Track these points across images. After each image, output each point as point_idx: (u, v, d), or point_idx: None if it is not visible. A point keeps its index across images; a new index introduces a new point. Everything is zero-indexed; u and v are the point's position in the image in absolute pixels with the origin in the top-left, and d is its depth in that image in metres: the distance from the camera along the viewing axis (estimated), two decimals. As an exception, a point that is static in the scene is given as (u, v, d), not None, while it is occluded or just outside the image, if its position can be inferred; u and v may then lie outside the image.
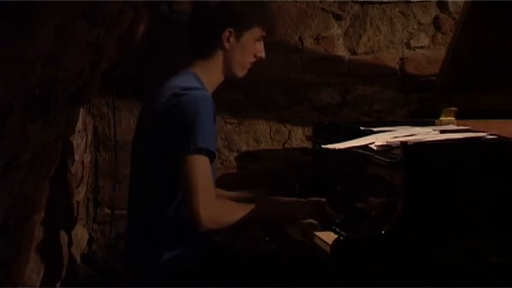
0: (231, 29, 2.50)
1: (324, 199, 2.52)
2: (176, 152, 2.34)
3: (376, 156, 2.32)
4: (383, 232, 2.14)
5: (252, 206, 2.43)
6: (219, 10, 2.51)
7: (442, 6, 3.42)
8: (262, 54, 2.61)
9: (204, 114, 2.34)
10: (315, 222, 2.46)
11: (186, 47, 2.62)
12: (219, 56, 2.53)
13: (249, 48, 2.56)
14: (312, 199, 2.55)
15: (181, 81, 2.46)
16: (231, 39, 2.51)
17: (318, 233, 2.35)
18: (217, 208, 2.37)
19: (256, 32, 2.55)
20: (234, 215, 2.40)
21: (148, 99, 2.56)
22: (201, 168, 2.33)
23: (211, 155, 2.36)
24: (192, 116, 2.33)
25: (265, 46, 2.64)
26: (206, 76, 2.52)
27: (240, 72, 2.59)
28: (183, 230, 2.39)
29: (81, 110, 3.18)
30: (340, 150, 2.48)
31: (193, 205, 2.30)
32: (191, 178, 2.31)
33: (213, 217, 2.33)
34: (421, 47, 3.44)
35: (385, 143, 2.35)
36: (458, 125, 2.81)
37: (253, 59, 2.59)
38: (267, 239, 2.75)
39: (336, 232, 2.31)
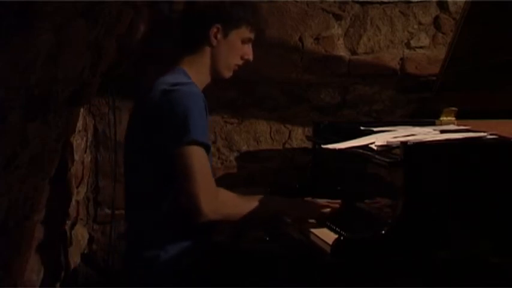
0: (218, 26, 2.50)
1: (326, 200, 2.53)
2: (171, 148, 2.32)
3: (376, 156, 2.32)
4: (383, 232, 2.14)
5: (256, 200, 2.43)
6: (208, 6, 2.52)
7: (442, 6, 3.42)
8: (250, 57, 2.60)
9: (194, 108, 2.34)
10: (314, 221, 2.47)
11: (175, 43, 2.62)
12: (206, 53, 2.53)
13: (236, 48, 2.55)
14: (312, 200, 2.55)
15: (170, 77, 2.46)
16: (219, 35, 2.51)
17: (318, 233, 2.35)
18: (218, 197, 2.35)
19: (244, 31, 2.54)
20: (237, 206, 2.40)
21: (138, 98, 2.56)
22: (199, 158, 2.31)
23: (206, 148, 2.35)
24: (183, 111, 2.32)
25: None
26: (194, 72, 2.51)
27: (226, 73, 2.58)
28: (180, 228, 2.38)
29: (81, 110, 3.18)
30: (340, 150, 2.48)
31: (193, 194, 2.28)
32: (189, 168, 2.29)
33: (214, 206, 2.30)
34: (421, 47, 3.44)
35: (385, 143, 2.35)
36: (458, 125, 2.81)
37: (240, 61, 2.58)
38: (267, 239, 2.75)
39: (336, 232, 2.32)
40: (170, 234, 2.39)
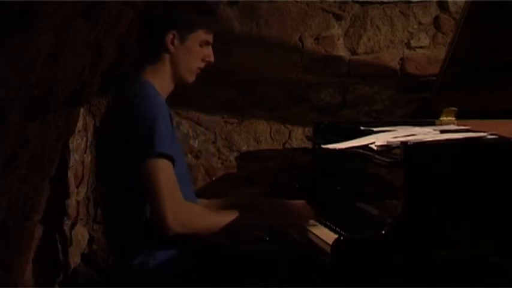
0: (174, 32, 2.49)
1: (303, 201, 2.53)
2: (138, 161, 2.31)
3: (376, 156, 2.32)
4: (383, 232, 2.14)
5: (228, 214, 2.40)
6: (162, 13, 2.51)
7: (443, 6, 3.42)
8: (211, 59, 2.58)
9: (159, 119, 2.32)
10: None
11: (137, 55, 2.61)
12: (166, 60, 2.51)
13: (195, 52, 2.54)
14: (296, 202, 2.54)
15: (133, 89, 2.45)
16: (175, 42, 2.50)
17: (318, 233, 2.35)
18: (185, 211, 2.33)
19: (201, 35, 2.53)
20: (204, 218, 2.37)
21: (106, 111, 2.55)
22: (163, 172, 2.30)
23: (171, 159, 2.33)
24: (148, 122, 2.31)
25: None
26: (158, 82, 2.50)
27: (189, 77, 2.56)
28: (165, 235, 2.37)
29: (81, 110, 3.18)
30: (340, 150, 2.48)
31: (159, 209, 2.27)
32: (154, 183, 2.28)
33: (180, 220, 2.28)
34: (421, 47, 3.44)
35: (385, 143, 2.35)
36: (458, 125, 2.81)
37: (202, 64, 2.57)
38: (267, 239, 2.75)
39: (336, 232, 2.32)
40: (156, 241, 2.37)
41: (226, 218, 2.39)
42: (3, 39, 1.83)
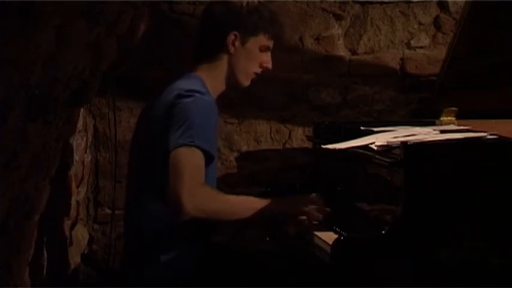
0: (236, 33, 2.49)
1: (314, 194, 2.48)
2: (171, 147, 2.30)
3: (377, 156, 2.32)
4: (383, 232, 2.14)
5: (248, 198, 2.39)
6: (225, 13, 2.50)
7: (443, 6, 3.42)
8: (269, 65, 2.59)
9: (205, 118, 2.33)
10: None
11: (193, 51, 2.60)
12: (224, 60, 2.51)
13: (255, 56, 2.54)
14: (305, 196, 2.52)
15: (186, 83, 2.43)
16: (236, 43, 2.50)
17: (318, 233, 2.35)
18: (202, 194, 2.29)
19: (262, 39, 2.53)
20: (220, 202, 2.33)
21: (150, 100, 2.55)
22: (194, 159, 2.27)
23: (207, 155, 2.32)
24: (193, 117, 2.31)
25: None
26: (211, 81, 2.49)
27: (244, 81, 2.56)
28: (180, 231, 2.37)
29: (82, 110, 3.18)
30: (340, 150, 2.48)
31: (175, 189, 2.23)
32: (179, 165, 2.25)
33: (195, 203, 2.24)
34: (421, 47, 3.44)
35: (385, 143, 2.35)
36: (458, 125, 2.81)
37: (259, 69, 2.57)
38: (267, 239, 2.75)
39: (336, 232, 2.32)
40: (170, 236, 2.38)
41: (243, 203, 2.37)
42: (4, 39, 1.83)
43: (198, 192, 2.27)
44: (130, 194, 2.55)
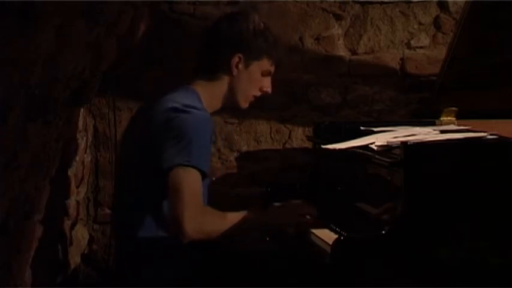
0: (240, 55, 2.48)
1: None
2: (167, 165, 2.27)
3: (377, 156, 2.32)
4: (383, 232, 2.14)
5: (241, 214, 2.36)
6: (232, 34, 2.49)
7: (443, 6, 3.42)
8: (269, 90, 2.58)
9: (202, 136, 2.30)
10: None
11: (193, 64, 2.57)
12: (225, 81, 2.49)
13: (256, 79, 2.53)
14: (294, 202, 2.51)
15: (183, 97, 2.40)
16: (240, 65, 2.48)
17: (318, 233, 2.35)
18: (202, 217, 2.28)
19: (265, 64, 2.52)
20: (218, 223, 2.32)
21: (145, 107, 2.52)
22: (191, 180, 2.26)
23: (202, 174, 2.30)
24: (190, 135, 2.28)
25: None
26: (207, 98, 2.47)
27: (243, 103, 2.55)
28: (176, 242, 2.35)
29: (82, 110, 3.18)
30: (340, 150, 2.48)
31: (177, 213, 2.23)
32: (179, 188, 2.24)
33: (196, 226, 2.24)
34: (421, 47, 3.44)
35: (385, 143, 2.35)
36: (458, 125, 2.81)
37: (258, 93, 2.56)
38: (267, 239, 2.75)
39: (336, 232, 2.32)
40: (165, 242, 2.36)
41: (236, 218, 2.35)
42: (4, 39, 1.83)
43: (198, 215, 2.26)
44: (120, 204, 2.52)
